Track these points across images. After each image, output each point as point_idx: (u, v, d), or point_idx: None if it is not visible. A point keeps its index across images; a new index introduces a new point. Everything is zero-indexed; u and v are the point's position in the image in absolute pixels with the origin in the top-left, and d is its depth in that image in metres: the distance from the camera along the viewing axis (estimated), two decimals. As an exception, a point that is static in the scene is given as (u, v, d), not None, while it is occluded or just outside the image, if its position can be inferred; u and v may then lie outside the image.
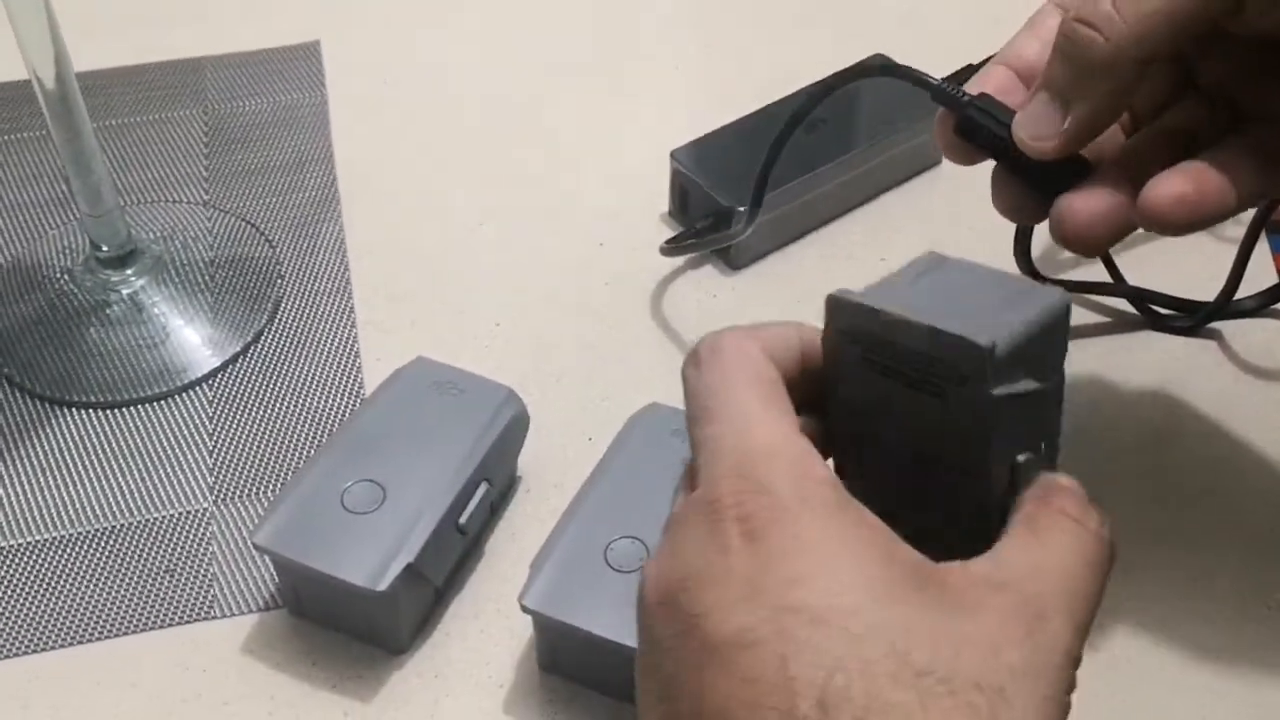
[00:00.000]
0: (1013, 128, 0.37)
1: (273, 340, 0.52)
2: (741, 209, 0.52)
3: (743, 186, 0.53)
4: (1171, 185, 0.35)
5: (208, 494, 0.47)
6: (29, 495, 0.47)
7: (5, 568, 0.45)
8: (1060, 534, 0.30)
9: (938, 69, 0.60)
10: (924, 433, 0.31)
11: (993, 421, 0.30)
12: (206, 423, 0.49)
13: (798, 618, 0.27)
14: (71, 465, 0.48)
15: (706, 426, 0.31)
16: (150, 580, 0.44)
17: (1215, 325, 0.51)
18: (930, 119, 0.57)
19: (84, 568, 0.45)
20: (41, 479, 0.47)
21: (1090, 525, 0.31)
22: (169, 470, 0.48)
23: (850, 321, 0.31)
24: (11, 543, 0.45)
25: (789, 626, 0.27)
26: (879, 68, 0.41)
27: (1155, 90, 0.39)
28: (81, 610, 0.43)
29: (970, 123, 0.38)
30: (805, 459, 0.29)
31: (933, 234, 0.56)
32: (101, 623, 0.43)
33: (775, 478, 0.29)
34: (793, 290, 0.54)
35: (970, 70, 0.61)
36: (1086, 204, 0.36)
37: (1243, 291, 0.50)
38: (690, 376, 0.32)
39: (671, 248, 0.53)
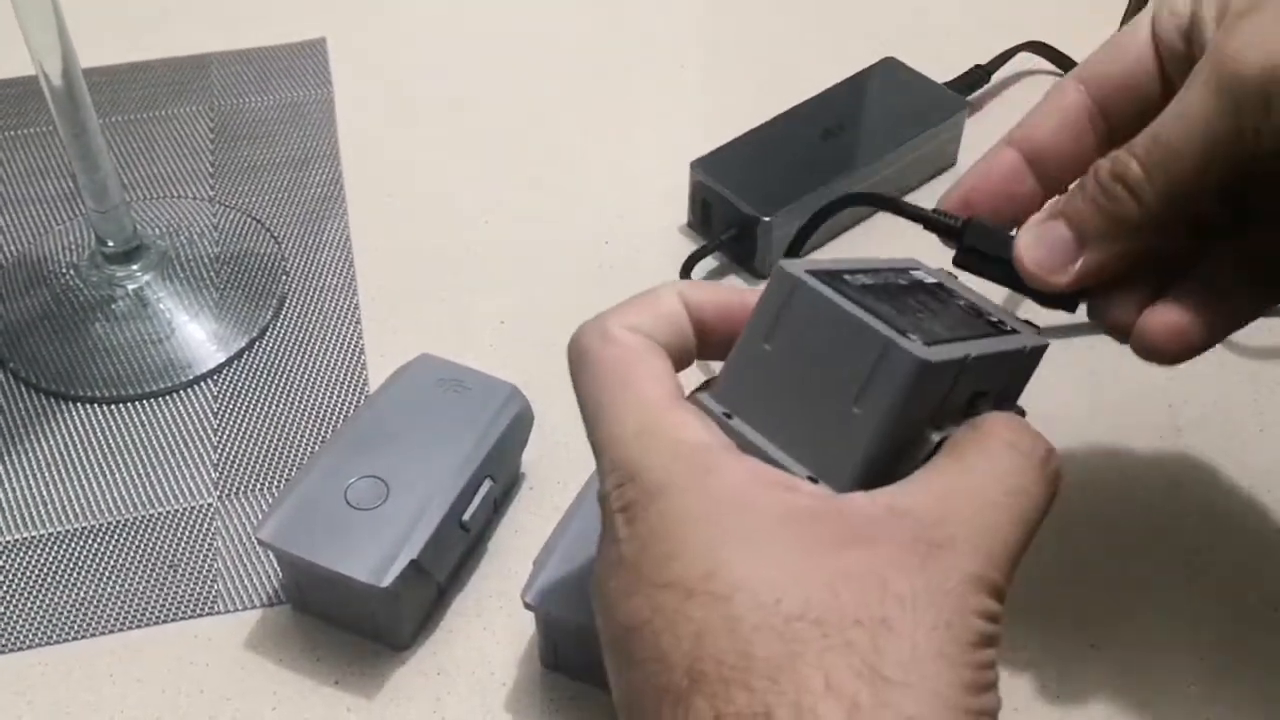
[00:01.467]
0: (1019, 252, 0.35)
1: (277, 336, 0.52)
2: (767, 218, 0.52)
3: (765, 195, 0.53)
4: (1166, 318, 0.35)
5: (212, 489, 0.47)
6: (33, 490, 0.47)
7: (10, 562, 0.45)
8: (984, 458, 0.30)
9: (946, 70, 0.60)
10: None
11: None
12: (211, 418, 0.49)
13: (672, 593, 0.27)
14: (76, 460, 0.48)
15: (592, 432, 0.32)
16: (154, 575, 0.44)
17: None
18: (944, 122, 0.57)
19: (88, 562, 0.45)
20: (46, 474, 0.47)
21: (1024, 448, 0.30)
22: (173, 465, 0.48)
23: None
24: (16, 537, 0.45)
25: (664, 603, 0.27)
26: (861, 197, 0.39)
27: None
28: (85, 605, 0.43)
29: (973, 253, 0.36)
30: (674, 430, 0.30)
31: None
32: (105, 617, 0.43)
33: (641, 461, 0.29)
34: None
35: (979, 70, 0.61)
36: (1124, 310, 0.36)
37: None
38: (574, 386, 0.32)
39: (692, 271, 0.53)
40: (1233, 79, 0.31)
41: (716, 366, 0.33)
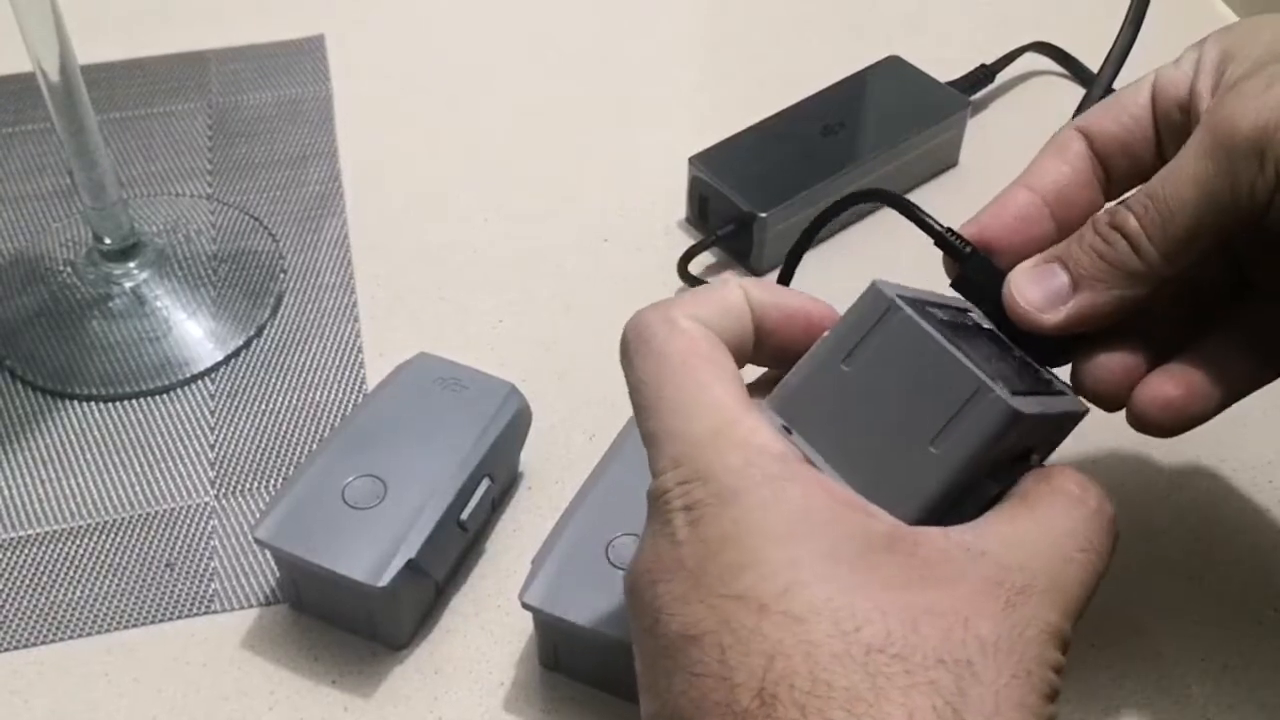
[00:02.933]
0: (1010, 289, 0.34)
1: (275, 334, 0.52)
2: (763, 214, 0.52)
3: (763, 191, 0.53)
4: (1161, 390, 0.35)
5: (209, 488, 0.47)
6: (30, 488, 0.47)
7: (6, 560, 0.45)
8: (1052, 509, 0.30)
9: (947, 69, 0.60)
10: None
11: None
12: (208, 416, 0.49)
13: (742, 605, 0.26)
14: (72, 458, 0.48)
15: (648, 421, 0.30)
16: (151, 574, 0.44)
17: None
18: (945, 121, 0.57)
19: (84, 561, 0.45)
20: (43, 472, 0.47)
21: (1089, 502, 0.30)
22: (170, 464, 0.47)
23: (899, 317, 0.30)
24: (12, 535, 0.45)
25: (732, 615, 0.26)
26: (878, 195, 0.38)
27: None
28: (82, 603, 0.43)
29: (968, 283, 0.36)
30: (750, 435, 0.29)
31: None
32: (102, 616, 0.43)
33: (715, 463, 0.28)
34: (816, 295, 0.53)
35: (983, 70, 0.61)
36: (1112, 368, 0.35)
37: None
38: (626, 370, 0.31)
39: (689, 266, 0.53)
40: (1227, 138, 0.32)
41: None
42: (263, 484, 0.47)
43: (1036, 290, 0.34)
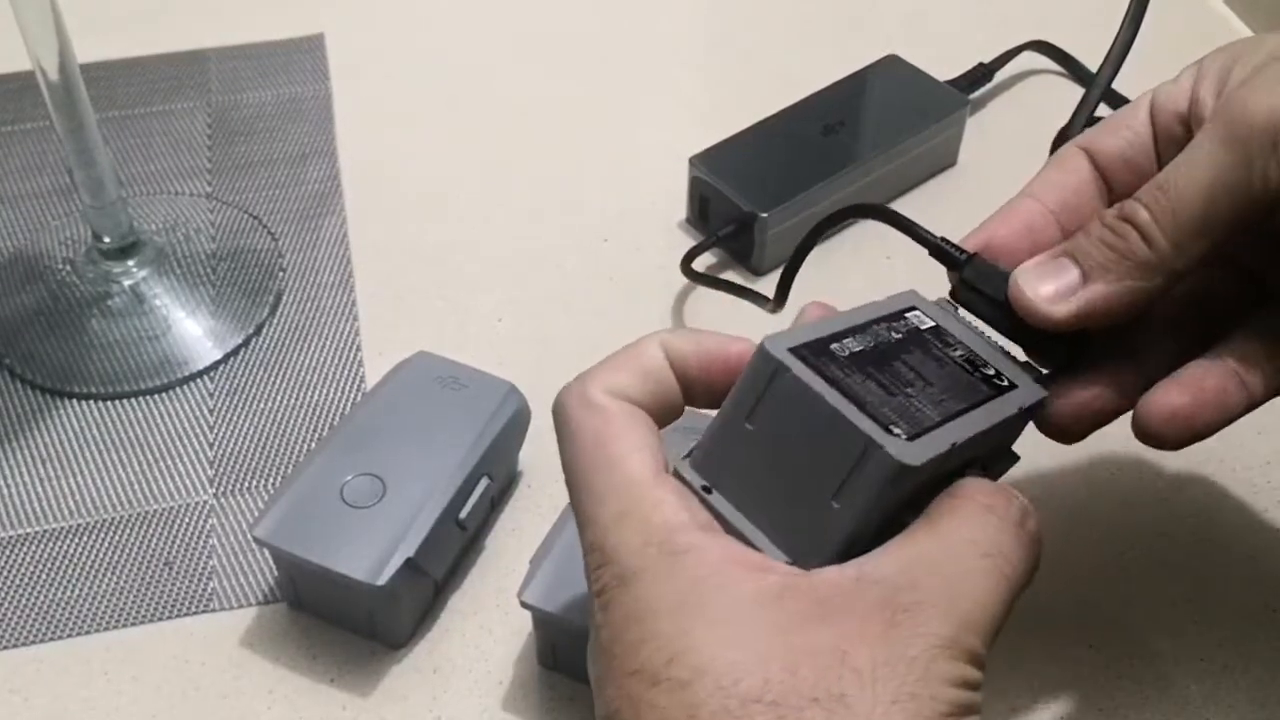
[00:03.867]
0: (1016, 283, 0.34)
1: (274, 333, 0.52)
2: (764, 214, 0.52)
3: (764, 191, 0.53)
4: (1166, 399, 0.34)
5: (208, 486, 0.47)
6: (29, 486, 0.47)
7: (5, 559, 0.45)
8: (954, 520, 0.29)
9: (949, 68, 0.60)
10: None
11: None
12: (207, 415, 0.49)
13: (638, 680, 0.27)
14: (71, 457, 0.48)
15: (574, 503, 0.31)
16: (149, 572, 0.44)
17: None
18: (945, 120, 0.57)
19: (83, 559, 0.45)
20: (41, 470, 0.47)
21: (999, 510, 0.30)
22: (169, 462, 0.47)
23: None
24: (11, 534, 0.45)
25: (632, 691, 0.27)
26: (870, 210, 0.38)
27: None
28: (81, 602, 0.43)
29: (969, 287, 0.36)
30: (651, 513, 0.29)
31: (953, 233, 0.55)
32: (101, 615, 0.43)
33: (620, 546, 0.29)
34: (817, 294, 0.53)
35: (982, 69, 0.61)
36: (1078, 403, 0.35)
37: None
38: (559, 449, 0.32)
39: (693, 265, 0.53)
40: (1240, 127, 0.31)
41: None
42: (261, 483, 0.47)
43: (1045, 283, 0.34)
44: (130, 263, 0.52)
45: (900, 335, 0.33)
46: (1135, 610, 0.43)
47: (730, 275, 0.54)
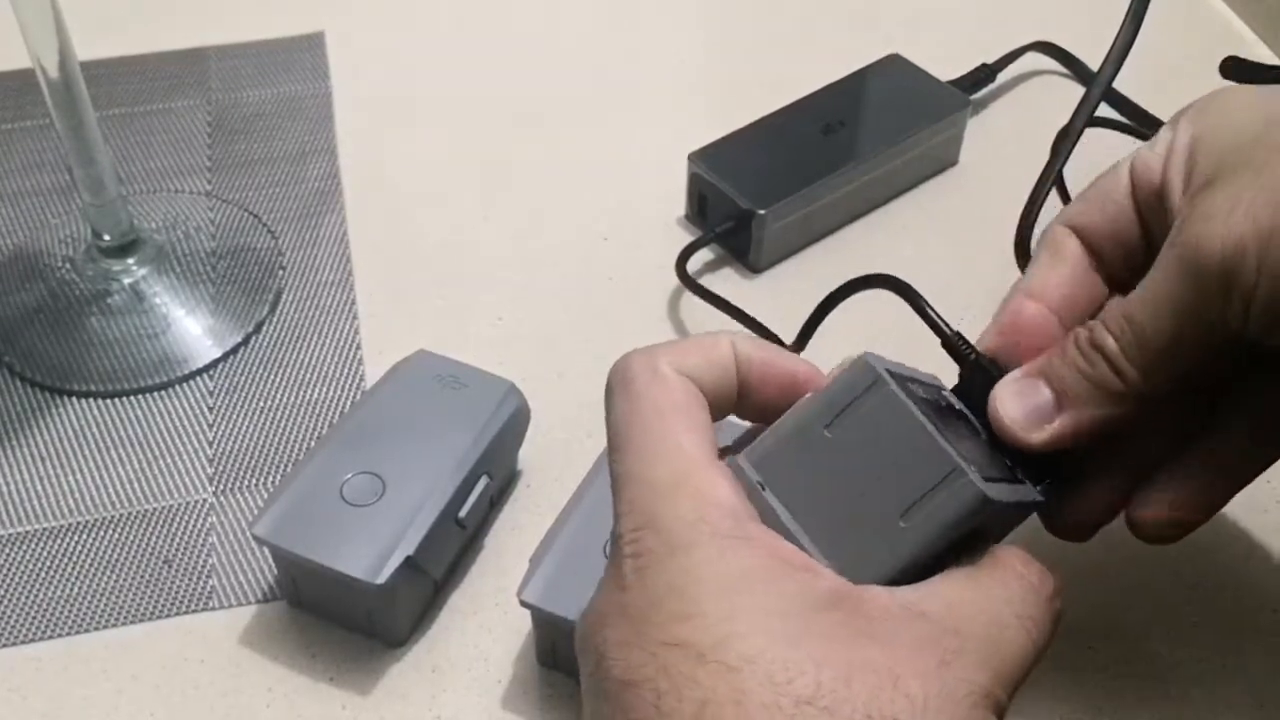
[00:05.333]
0: (994, 405, 0.34)
1: (274, 331, 0.52)
2: (762, 211, 0.52)
3: (762, 188, 0.53)
4: (1160, 511, 0.35)
5: (207, 485, 0.47)
6: (28, 484, 0.47)
7: (4, 557, 0.45)
8: (997, 584, 0.30)
9: (948, 68, 0.60)
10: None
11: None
12: (207, 413, 0.49)
13: (680, 653, 0.27)
14: (71, 454, 0.48)
15: (616, 463, 0.31)
16: (149, 571, 0.44)
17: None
18: (945, 120, 0.57)
19: (83, 557, 0.45)
20: (41, 468, 0.47)
21: (1033, 580, 0.31)
22: (169, 460, 0.47)
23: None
24: (10, 531, 0.45)
25: (670, 663, 0.27)
26: (886, 281, 0.37)
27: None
28: (80, 600, 0.43)
29: (967, 387, 0.35)
30: (707, 488, 0.29)
31: (953, 233, 0.55)
32: (100, 612, 0.43)
33: (668, 512, 0.29)
34: (815, 293, 0.53)
35: (984, 69, 0.61)
36: (1081, 515, 0.36)
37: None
38: (607, 406, 0.32)
39: (689, 262, 0.53)
40: (1195, 265, 0.31)
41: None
42: (261, 481, 0.47)
43: (1019, 407, 0.33)
44: (130, 261, 0.52)
45: (945, 404, 0.33)
46: (1135, 611, 0.43)
47: (727, 272, 0.54)
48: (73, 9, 0.46)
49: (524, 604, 0.39)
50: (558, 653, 0.41)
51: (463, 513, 0.42)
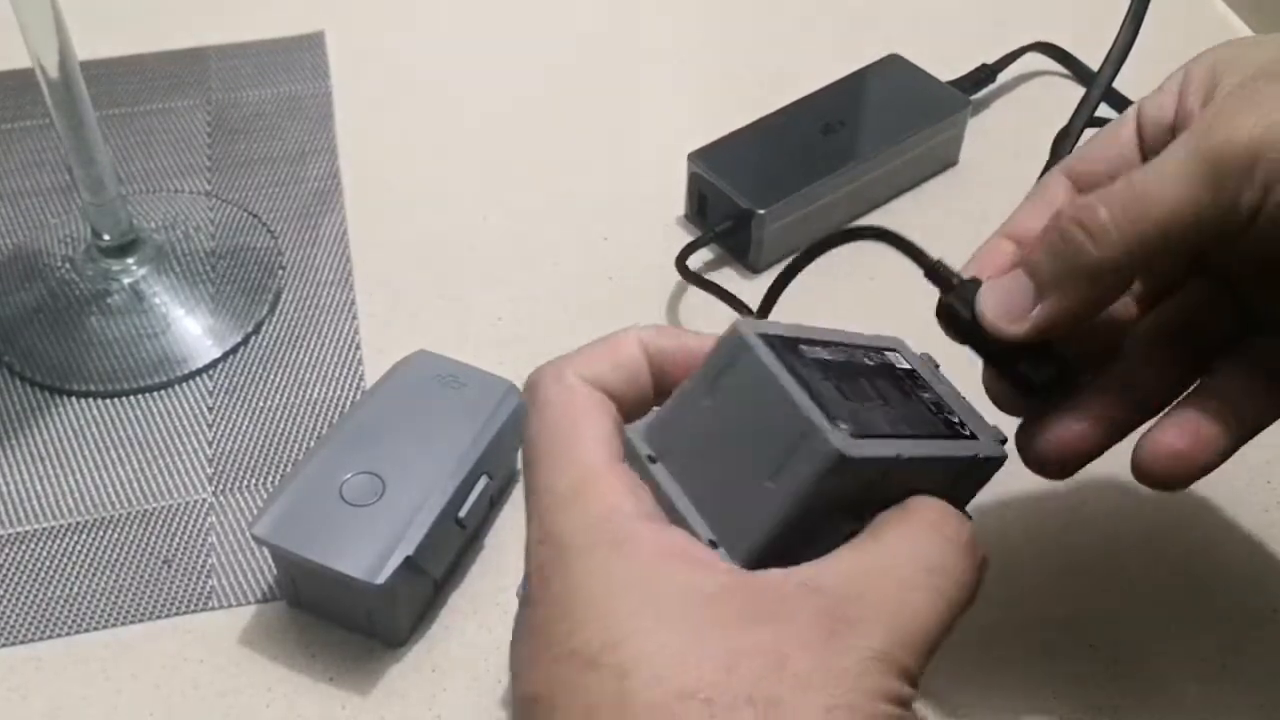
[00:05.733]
0: (977, 299, 0.34)
1: (274, 331, 0.52)
2: (761, 211, 0.52)
3: (762, 188, 0.52)
4: (1166, 442, 0.34)
5: (207, 484, 0.47)
6: (27, 484, 0.47)
7: (4, 556, 0.44)
8: (904, 538, 0.30)
9: (946, 66, 0.60)
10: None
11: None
12: (206, 413, 0.49)
13: (573, 663, 0.27)
14: (70, 454, 0.48)
15: (527, 475, 0.31)
16: (148, 571, 0.44)
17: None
18: (945, 120, 0.57)
19: (82, 557, 0.44)
20: (40, 468, 0.47)
21: (945, 529, 0.30)
22: (168, 460, 0.47)
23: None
24: (10, 531, 0.45)
25: (564, 674, 0.27)
26: (873, 231, 0.37)
27: (1163, 271, 0.37)
28: (80, 600, 0.43)
29: (949, 310, 0.35)
30: (604, 495, 0.29)
31: (953, 232, 0.55)
32: (99, 612, 0.43)
33: (565, 523, 0.29)
34: (814, 293, 0.53)
35: (985, 69, 0.61)
36: (1066, 437, 0.35)
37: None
38: (523, 424, 0.32)
39: (689, 262, 0.52)
40: (1220, 146, 0.30)
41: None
42: (260, 481, 0.47)
43: (1000, 298, 0.33)
44: (130, 260, 0.52)
45: (873, 363, 0.33)
46: (1135, 610, 0.43)
47: (727, 272, 0.54)
48: (73, 8, 0.46)
49: (524, 604, 0.39)
50: (557, 653, 0.41)
51: (463, 512, 0.42)
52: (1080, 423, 0.35)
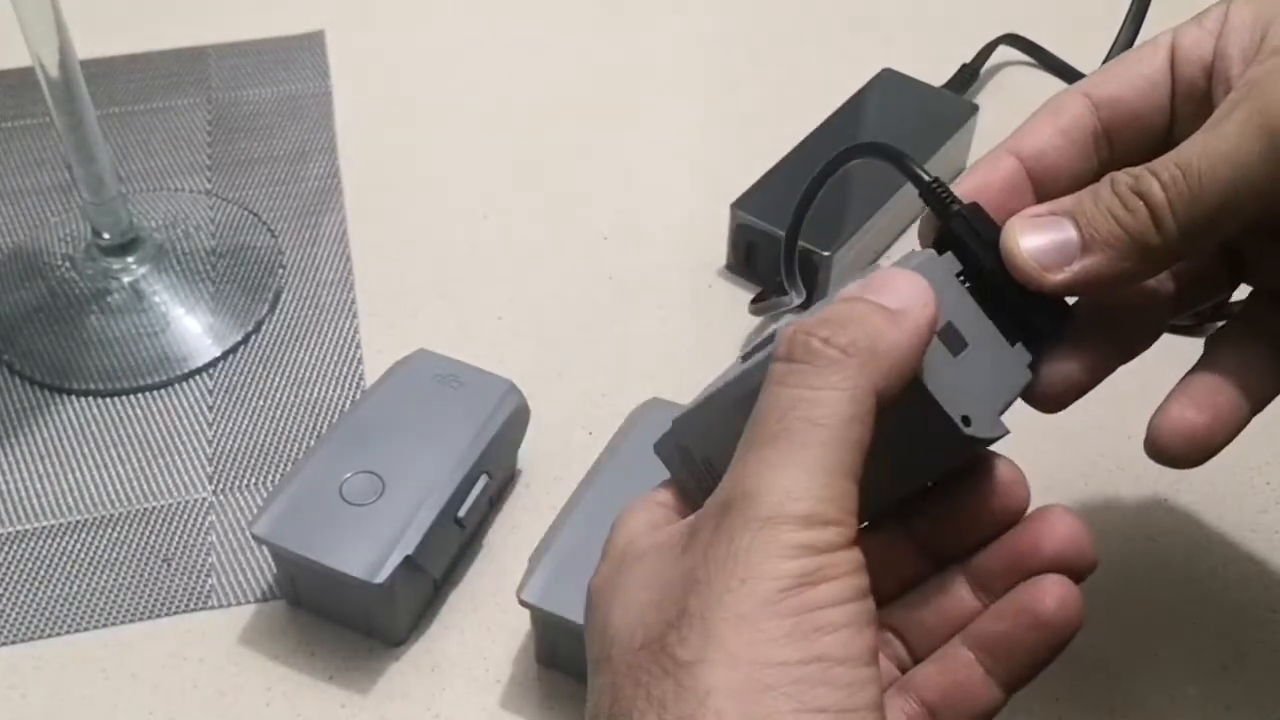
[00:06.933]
0: (1009, 239, 0.31)
1: (274, 330, 0.52)
2: (827, 253, 0.50)
3: (821, 229, 0.50)
4: (1184, 419, 0.33)
5: (206, 483, 0.47)
6: (27, 482, 0.47)
7: (3, 555, 0.44)
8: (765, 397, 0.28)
9: (942, 73, 0.60)
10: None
11: None
12: (206, 412, 0.49)
13: (592, 672, 0.28)
14: (70, 453, 0.48)
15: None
16: (148, 569, 0.44)
17: (1219, 325, 0.50)
18: (961, 128, 0.56)
19: (82, 556, 0.45)
20: (40, 466, 0.47)
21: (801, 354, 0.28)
22: (168, 459, 0.47)
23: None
24: (10, 530, 0.45)
25: (602, 669, 0.28)
26: (871, 148, 0.36)
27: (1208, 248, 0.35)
28: (79, 598, 0.43)
29: (952, 237, 0.32)
30: (626, 533, 0.31)
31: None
32: (99, 611, 0.43)
33: (606, 551, 0.31)
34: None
35: (966, 70, 0.61)
36: (1066, 376, 0.33)
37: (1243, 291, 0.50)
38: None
39: (758, 308, 0.51)
40: (1277, 118, 0.29)
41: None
42: (260, 480, 0.47)
43: (1041, 241, 0.31)
44: (130, 259, 0.52)
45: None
46: (1133, 611, 0.43)
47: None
48: (73, 7, 0.46)
49: (523, 603, 0.39)
50: (557, 652, 0.41)
51: (462, 512, 0.42)
52: (1077, 361, 0.33)
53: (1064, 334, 0.33)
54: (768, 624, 0.25)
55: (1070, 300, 0.32)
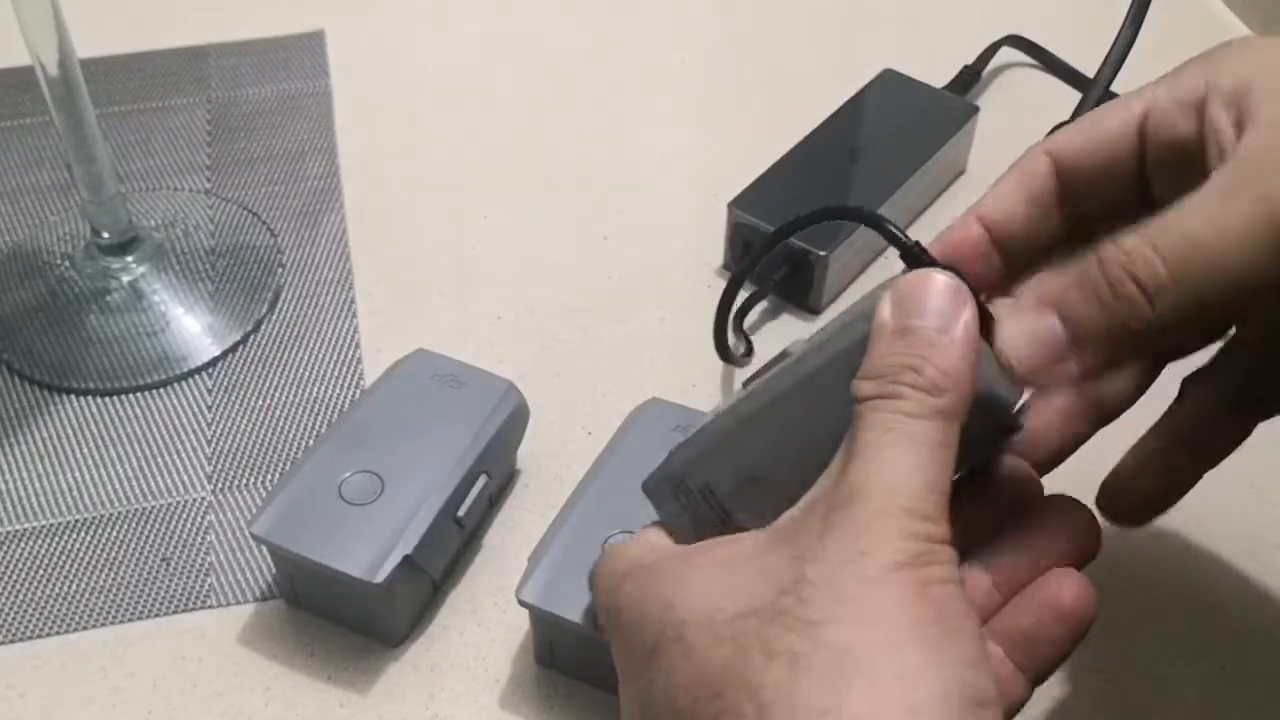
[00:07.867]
0: (1001, 345, 0.30)
1: (273, 330, 0.52)
2: (823, 253, 0.50)
3: (817, 229, 0.49)
4: (1137, 488, 0.34)
5: (206, 483, 0.47)
6: (27, 482, 0.47)
7: (3, 554, 0.44)
8: (861, 430, 0.29)
9: (944, 74, 0.60)
10: None
11: None
12: (205, 411, 0.49)
13: (642, 666, 0.29)
14: (70, 452, 0.48)
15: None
16: (147, 569, 0.44)
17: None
18: (960, 130, 0.56)
19: (81, 555, 0.45)
20: (39, 465, 0.47)
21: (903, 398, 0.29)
22: (167, 458, 0.47)
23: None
24: (9, 529, 0.45)
25: (638, 680, 0.29)
26: (851, 212, 0.35)
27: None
28: (78, 597, 0.43)
29: None
30: (633, 552, 0.33)
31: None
32: (98, 610, 0.43)
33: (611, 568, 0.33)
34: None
35: (968, 72, 0.61)
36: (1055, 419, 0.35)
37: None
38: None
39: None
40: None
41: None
42: (259, 479, 0.47)
43: (1030, 347, 0.30)
44: (129, 258, 0.52)
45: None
46: (1134, 612, 0.43)
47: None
48: (72, 6, 0.46)
49: (522, 603, 0.39)
50: (556, 652, 0.41)
51: (461, 512, 0.42)
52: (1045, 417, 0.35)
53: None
54: (896, 588, 0.26)
55: None
